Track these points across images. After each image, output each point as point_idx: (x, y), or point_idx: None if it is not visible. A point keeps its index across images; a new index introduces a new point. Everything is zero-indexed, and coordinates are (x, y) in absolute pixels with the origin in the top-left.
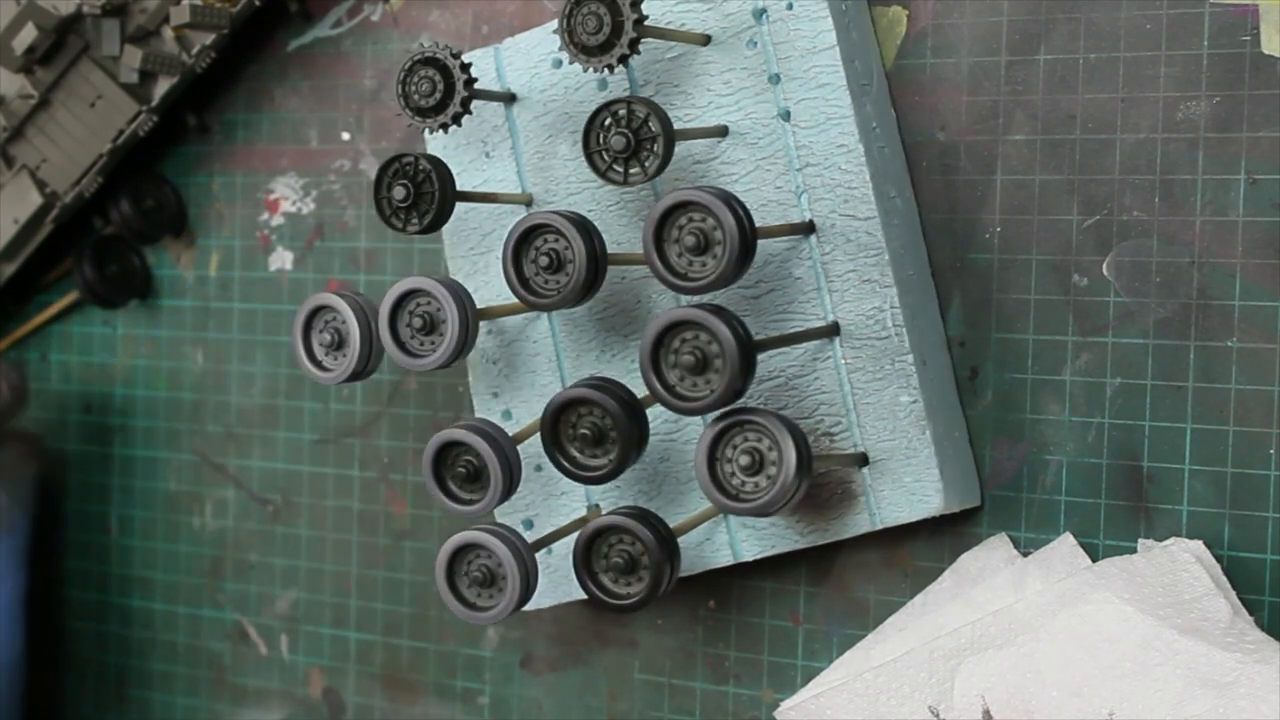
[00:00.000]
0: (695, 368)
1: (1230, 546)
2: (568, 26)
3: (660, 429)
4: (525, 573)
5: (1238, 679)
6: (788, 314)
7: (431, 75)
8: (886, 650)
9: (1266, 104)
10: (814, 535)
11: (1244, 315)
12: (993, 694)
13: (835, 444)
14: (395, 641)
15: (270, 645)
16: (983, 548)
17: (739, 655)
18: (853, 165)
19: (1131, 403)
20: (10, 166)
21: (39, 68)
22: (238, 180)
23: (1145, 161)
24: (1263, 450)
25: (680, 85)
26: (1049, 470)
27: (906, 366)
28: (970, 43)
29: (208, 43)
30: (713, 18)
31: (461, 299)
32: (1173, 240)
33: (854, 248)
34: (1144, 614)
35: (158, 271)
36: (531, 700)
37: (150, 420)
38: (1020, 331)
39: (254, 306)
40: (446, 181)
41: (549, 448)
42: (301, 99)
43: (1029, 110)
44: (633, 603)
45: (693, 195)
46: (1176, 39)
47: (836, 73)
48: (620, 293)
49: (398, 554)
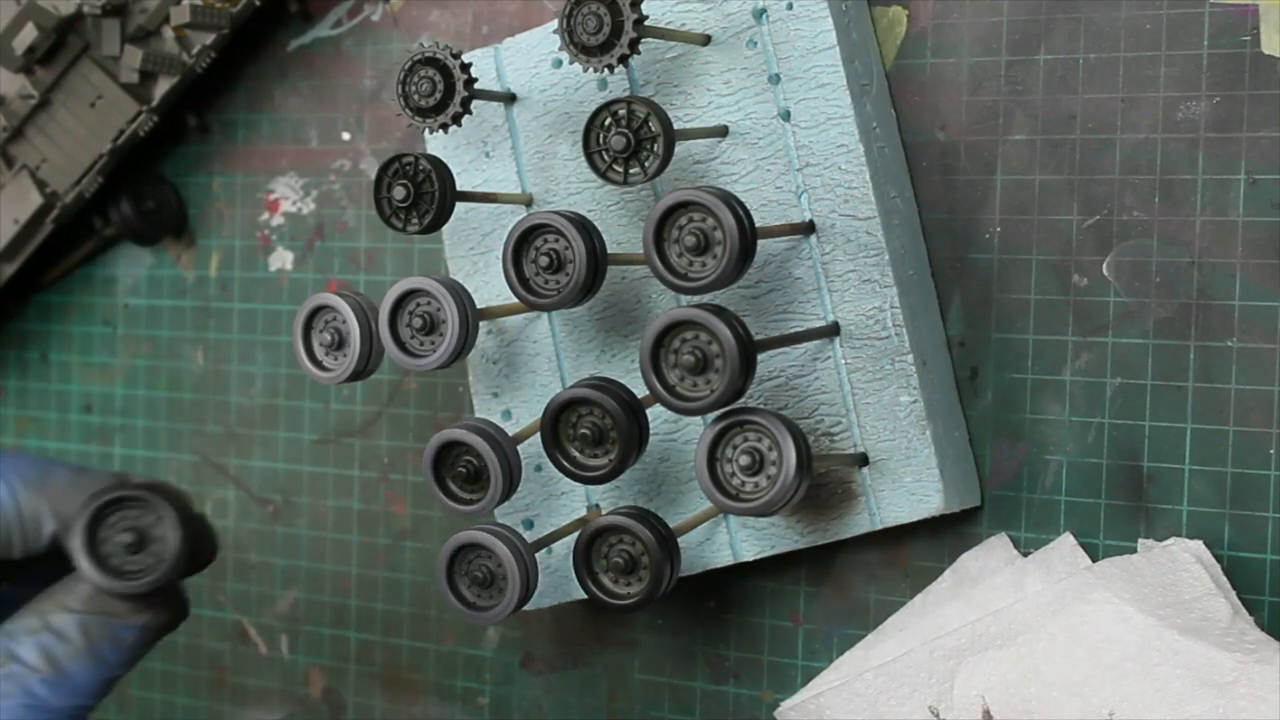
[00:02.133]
0: (695, 368)
1: (1230, 546)
2: (568, 26)
3: (660, 429)
4: (525, 573)
5: (1238, 679)
6: (788, 314)
7: (431, 75)
8: (886, 650)
9: (1266, 104)
10: (814, 535)
11: (1244, 315)
12: (993, 694)
13: (835, 444)
14: (395, 641)
15: (270, 645)
16: (983, 548)
17: (739, 655)
18: (853, 165)
19: (1131, 403)
20: (10, 166)
21: (39, 68)
22: (238, 180)
23: (1145, 161)
24: (1263, 450)
25: (680, 85)
26: (1049, 470)
27: (906, 366)
28: (970, 43)
29: (208, 43)
30: (713, 18)
31: (461, 299)
32: (1173, 240)
33: (854, 248)
34: (1144, 614)
35: (157, 272)
36: (531, 700)
37: (150, 420)
38: (1020, 331)
39: (254, 306)
40: (446, 181)
41: (549, 448)
42: (301, 99)
43: (1029, 110)
44: (633, 603)
45: (693, 195)
46: (1176, 39)
47: (836, 73)
48: (620, 293)
49: (398, 554)
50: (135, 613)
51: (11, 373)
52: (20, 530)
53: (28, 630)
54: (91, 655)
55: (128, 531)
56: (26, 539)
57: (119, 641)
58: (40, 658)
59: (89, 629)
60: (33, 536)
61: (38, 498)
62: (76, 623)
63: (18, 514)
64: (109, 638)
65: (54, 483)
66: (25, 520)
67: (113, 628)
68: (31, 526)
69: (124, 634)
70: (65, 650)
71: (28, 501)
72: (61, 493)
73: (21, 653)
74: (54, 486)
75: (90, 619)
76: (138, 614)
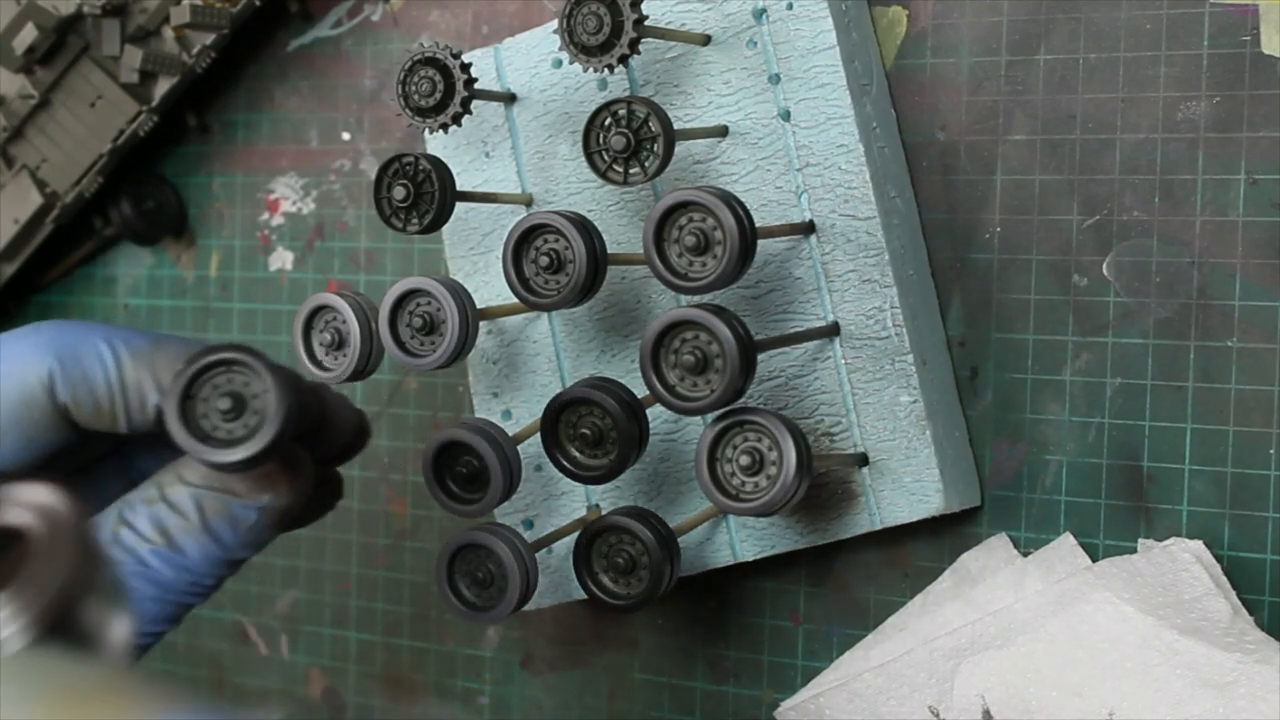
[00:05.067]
0: (695, 368)
1: (1230, 546)
2: (568, 26)
3: (660, 429)
4: (525, 573)
5: (1238, 679)
6: (788, 314)
7: (431, 75)
8: (886, 650)
9: (1266, 104)
10: (814, 535)
11: (1244, 315)
12: (992, 694)
13: (835, 444)
14: (395, 641)
15: (270, 645)
16: (983, 548)
17: (739, 655)
18: (853, 165)
19: (1131, 403)
20: (10, 166)
21: (39, 68)
22: (238, 180)
23: (1145, 161)
24: (1263, 450)
25: (680, 85)
26: (1049, 470)
27: (906, 366)
28: (970, 43)
29: (208, 43)
30: (713, 18)
31: (461, 299)
32: (1173, 240)
33: (854, 248)
34: (1144, 614)
35: (157, 272)
36: (531, 700)
37: None
38: (1020, 331)
39: (254, 306)
40: (446, 181)
41: (549, 448)
42: (301, 99)
43: (1029, 110)
44: (633, 603)
45: (693, 195)
46: (1176, 39)
47: (836, 73)
48: (620, 293)
49: (398, 554)
50: (254, 491)
51: None
52: (124, 402)
53: (145, 500)
54: (206, 532)
55: (225, 397)
56: (130, 411)
57: (237, 521)
58: (153, 528)
59: (204, 504)
60: (137, 409)
61: (143, 369)
62: (191, 496)
63: (121, 384)
64: (225, 515)
65: (164, 354)
66: (129, 391)
67: (230, 505)
68: (136, 398)
69: (242, 513)
70: (179, 524)
71: (132, 372)
72: (170, 364)
73: (135, 521)
74: (163, 358)
75: (205, 494)
76: (257, 492)
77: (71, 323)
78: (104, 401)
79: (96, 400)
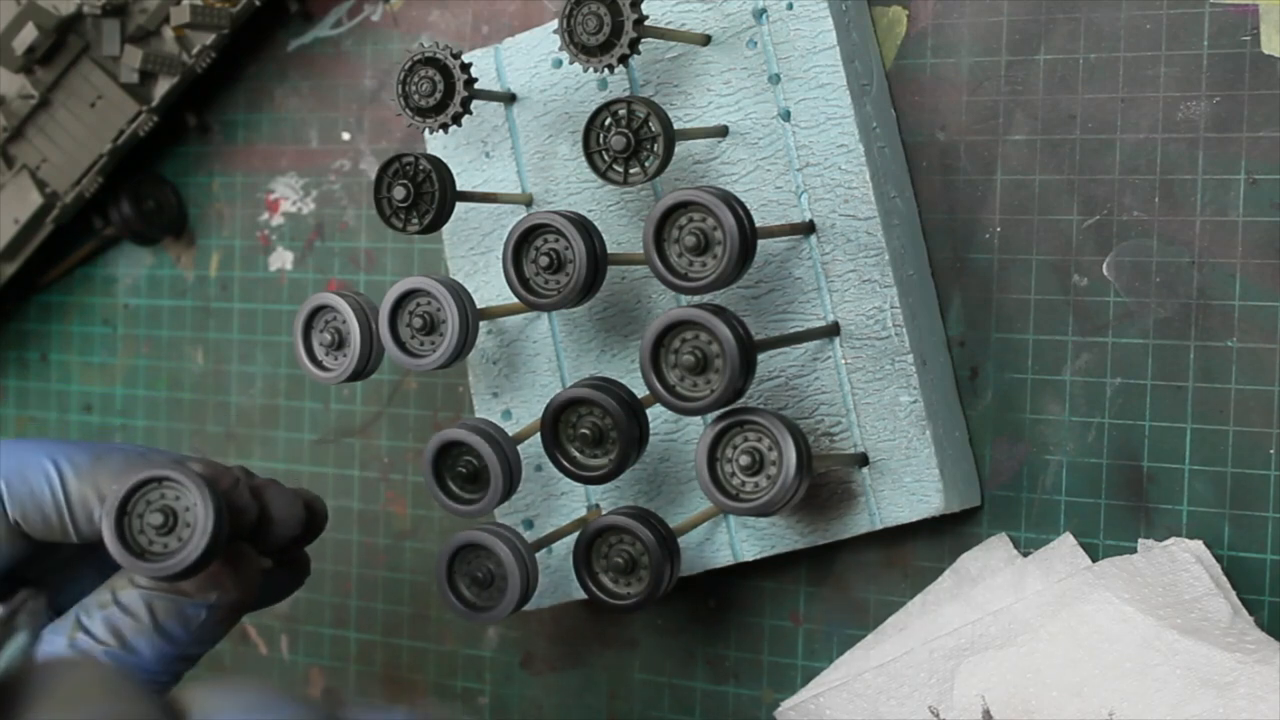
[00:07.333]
0: (695, 368)
1: (1230, 546)
2: (568, 26)
3: (660, 429)
4: (525, 573)
5: (1238, 679)
6: (788, 314)
7: (431, 75)
8: (886, 650)
9: (1266, 104)
10: (814, 535)
11: (1244, 315)
12: (993, 694)
13: (835, 444)
14: (395, 641)
15: (270, 645)
16: (983, 548)
17: (739, 655)
18: (853, 165)
19: (1131, 403)
20: (10, 166)
21: (39, 68)
22: (238, 180)
23: (1145, 161)
24: (1263, 450)
25: (680, 85)
26: (1049, 470)
27: (906, 366)
28: (970, 43)
29: (208, 43)
30: (713, 18)
31: (461, 299)
32: (1173, 240)
33: (854, 248)
34: (1144, 614)
35: (157, 272)
36: (531, 700)
37: (150, 420)
38: (1020, 331)
39: (254, 306)
40: (446, 181)
41: (549, 448)
42: (301, 99)
43: (1029, 110)
44: (633, 603)
45: (693, 195)
46: (1176, 39)
47: (836, 73)
48: (620, 293)
49: (398, 554)
50: (201, 590)
51: (11, 373)
52: (70, 516)
53: (100, 604)
54: (159, 632)
55: (157, 513)
56: (78, 524)
57: (188, 620)
58: (107, 631)
59: (154, 606)
60: (84, 521)
61: (85, 484)
62: (142, 598)
63: (66, 500)
64: (176, 615)
65: (105, 468)
66: (75, 506)
67: (179, 605)
68: (82, 512)
69: (193, 612)
70: (131, 625)
71: (76, 488)
72: (111, 477)
73: (91, 625)
74: (104, 472)
75: (155, 596)
76: (205, 591)
77: (17, 442)
78: (52, 517)
79: (45, 516)
